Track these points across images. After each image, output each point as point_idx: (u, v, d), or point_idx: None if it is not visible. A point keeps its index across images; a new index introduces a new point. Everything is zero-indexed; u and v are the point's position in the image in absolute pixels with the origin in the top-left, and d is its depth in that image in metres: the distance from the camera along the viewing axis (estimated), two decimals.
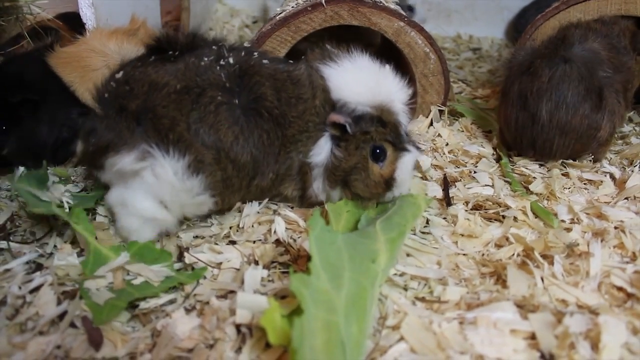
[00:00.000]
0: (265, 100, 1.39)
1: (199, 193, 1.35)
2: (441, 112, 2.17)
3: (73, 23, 2.25)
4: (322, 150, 1.44)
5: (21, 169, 1.66)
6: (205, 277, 1.29)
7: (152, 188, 1.34)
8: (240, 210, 1.53)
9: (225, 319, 1.13)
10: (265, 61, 1.46)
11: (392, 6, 2.10)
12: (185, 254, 1.35)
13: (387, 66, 1.50)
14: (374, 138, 1.42)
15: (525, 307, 1.16)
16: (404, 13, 2.05)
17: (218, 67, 1.38)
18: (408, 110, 1.51)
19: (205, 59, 1.39)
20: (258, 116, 1.39)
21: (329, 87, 1.43)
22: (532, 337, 1.09)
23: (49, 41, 1.90)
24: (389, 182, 1.46)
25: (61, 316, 1.15)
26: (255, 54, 1.49)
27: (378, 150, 1.44)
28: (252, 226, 1.48)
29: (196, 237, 1.47)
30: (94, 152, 1.36)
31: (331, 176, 1.45)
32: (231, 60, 1.41)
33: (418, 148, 1.51)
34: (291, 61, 1.53)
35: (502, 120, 1.95)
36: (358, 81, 1.43)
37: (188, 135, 1.31)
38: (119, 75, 1.40)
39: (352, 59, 1.48)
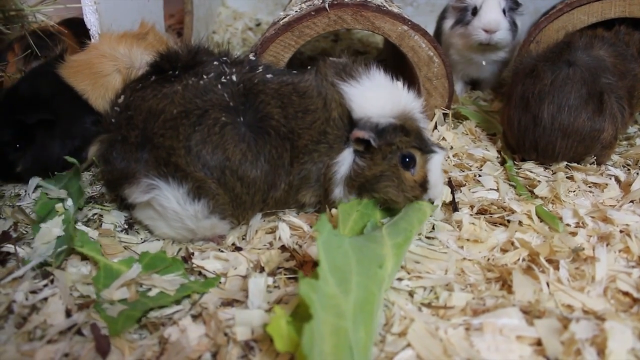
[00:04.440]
0: (271, 120, 1.39)
1: (205, 217, 1.37)
2: (445, 115, 2.17)
3: (77, 29, 2.26)
4: (345, 162, 1.45)
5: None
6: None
7: (163, 217, 1.39)
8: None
9: (231, 327, 1.13)
10: (269, 76, 1.45)
11: (396, 10, 2.10)
12: (193, 262, 1.36)
13: (399, 81, 1.53)
14: (400, 147, 1.44)
15: (531, 313, 1.16)
16: (407, 16, 2.05)
17: (220, 86, 1.38)
18: (425, 116, 1.55)
19: (206, 77, 1.39)
20: (265, 134, 1.39)
21: (351, 106, 1.43)
22: (538, 343, 1.09)
23: (58, 51, 1.92)
24: (423, 185, 1.48)
25: (70, 326, 1.16)
26: (260, 68, 1.48)
27: (407, 159, 1.45)
28: (257, 232, 1.49)
29: (202, 244, 1.48)
30: (110, 181, 1.44)
31: (350, 183, 1.46)
32: (234, 78, 1.41)
33: (442, 148, 1.53)
34: (295, 72, 1.53)
35: (505, 122, 1.96)
36: (379, 96, 1.44)
37: (185, 162, 1.32)
38: (121, 99, 1.43)
39: (369, 75, 1.48)
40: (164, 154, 1.32)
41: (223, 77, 1.41)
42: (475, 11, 2.38)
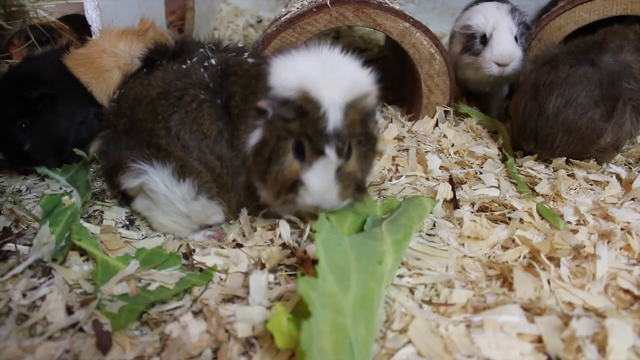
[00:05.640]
0: (232, 100, 1.36)
1: (193, 198, 1.36)
2: (446, 112, 2.17)
3: (77, 25, 2.27)
4: (252, 141, 1.32)
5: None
6: (212, 281, 1.30)
7: (157, 204, 1.40)
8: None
9: (232, 323, 1.13)
10: (251, 60, 1.44)
11: (397, 7, 2.10)
12: (193, 258, 1.36)
13: (348, 56, 1.36)
14: (293, 129, 1.26)
15: (531, 310, 1.16)
16: (408, 14, 2.05)
17: (202, 69, 1.39)
18: (367, 106, 1.31)
19: (189, 62, 1.41)
20: (229, 114, 1.36)
21: (268, 77, 1.31)
22: (539, 340, 1.09)
23: (64, 43, 1.93)
24: (295, 184, 1.28)
25: (71, 322, 1.16)
26: (246, 53, 1.47)
27: (302, 147, 1.27)
28: (257, 230, 1.48)
29: (203, 240, 1.47)
30: (107, 174, 1.47)
31: (253, 168, 1.34)
32: (214, 62, 1.41)
33: (342, 156, 1.27)
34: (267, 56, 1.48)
35: (513, 107, 1.94)
36: (288, 66, 1.30)
37: (166, 142, 1.32)
38: (115, 95, 1.46)
39: (305, 49, 1.35)
40: (146, 136, 1.34)
41: (206, 62, 1.41)
42: (484, 39, 2.17)
